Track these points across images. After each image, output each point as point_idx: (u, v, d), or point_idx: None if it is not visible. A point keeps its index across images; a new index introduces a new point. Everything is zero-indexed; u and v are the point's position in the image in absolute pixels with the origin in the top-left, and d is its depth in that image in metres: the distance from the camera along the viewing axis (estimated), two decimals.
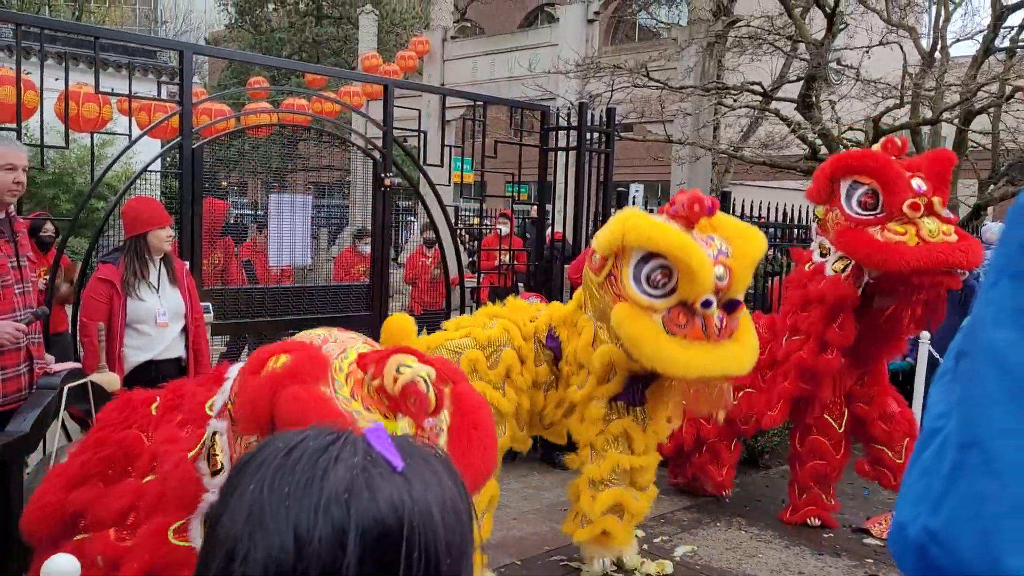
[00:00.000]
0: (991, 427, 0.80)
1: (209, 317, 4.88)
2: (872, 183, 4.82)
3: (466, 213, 15.91)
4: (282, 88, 20.06)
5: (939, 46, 11.28)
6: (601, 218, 7.08)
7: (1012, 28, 11.33)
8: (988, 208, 10.64)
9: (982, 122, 11.85)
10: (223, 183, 8.18)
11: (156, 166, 5.74)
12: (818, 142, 11.37)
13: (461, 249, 7.39)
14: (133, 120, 5.32)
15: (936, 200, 4.70)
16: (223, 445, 2.29)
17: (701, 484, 5.75)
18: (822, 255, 5.12)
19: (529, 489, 5.91)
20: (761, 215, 7.55)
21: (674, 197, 3.84)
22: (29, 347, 3.65)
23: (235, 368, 2.30)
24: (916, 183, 4.74)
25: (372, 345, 2.19)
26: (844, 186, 4.92)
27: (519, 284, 7.57)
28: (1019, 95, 10.13)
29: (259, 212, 12.28)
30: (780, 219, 7.71)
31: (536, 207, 7.64)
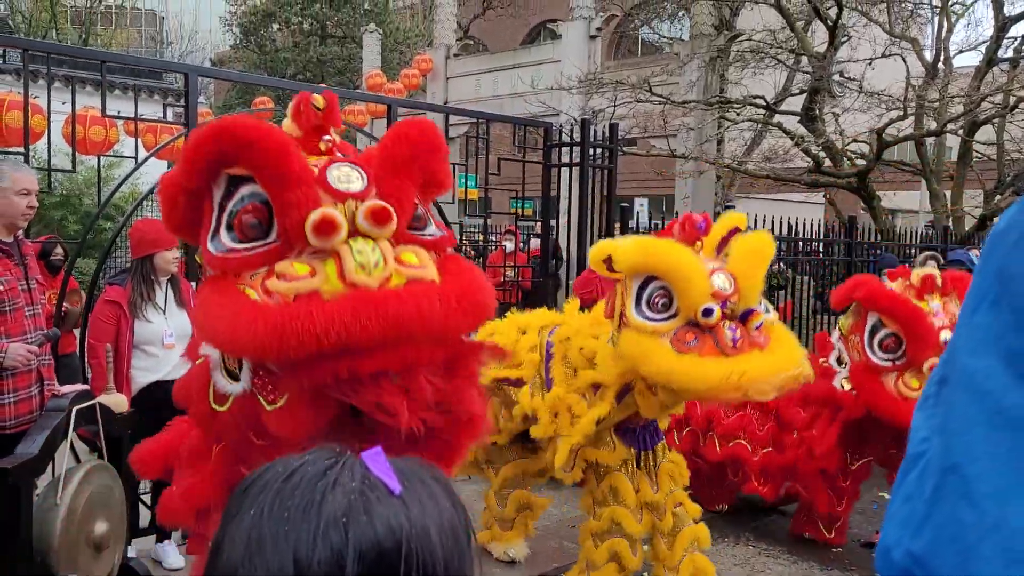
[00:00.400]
0: (970, 452, 0.82)
1: None
2: (898, 330, 4.54)
3: (471, 229, 15.94)
4: (287, 109, 20.15)
5: (942, 57, 11.30)
6: (605, 233, 7.09)
7: (1015, 39, 11.36)
8: (994, 219, 10.63)
9: (987, 133, 11.87)
10: None
11: None
12: (822, 155, 11.40)
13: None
14: (139, 142, 5.35)
15: None
16: None
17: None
18: (839, 362, 4.94)
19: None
20: (766, 228, 7.55)
21: (670, 224, 3.74)
22: (40, 369, 3.68)
23: None
24: (944, 335, 4.39)
25: None
26: (870, 320, 4.66)
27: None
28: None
29: None
30: (785, 232, 7.71)
31: (540, 223, 7.65)
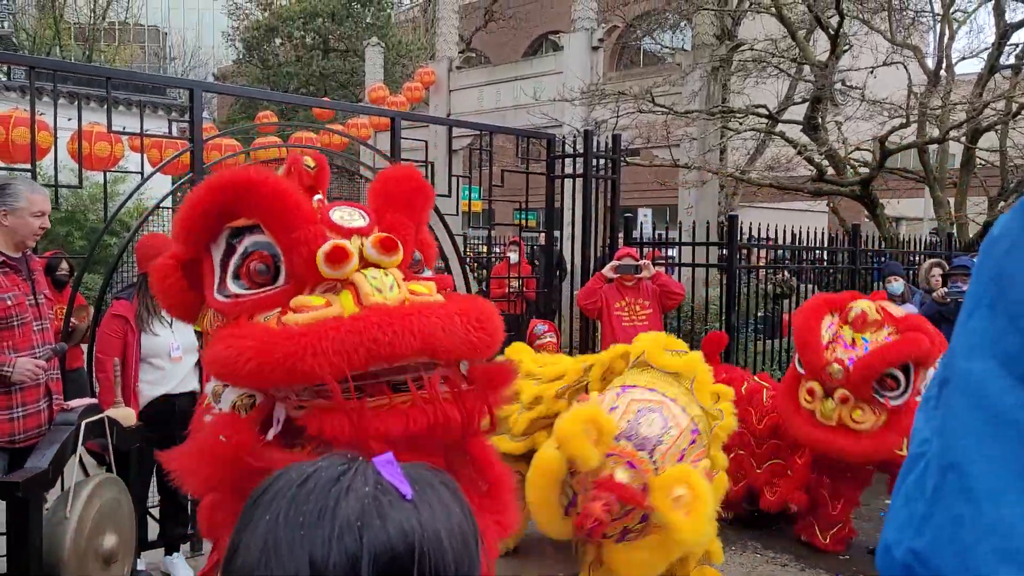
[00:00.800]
0: (968, 453, 0.83)
1: None
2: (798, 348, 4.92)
3: (475, 241, 15.97)
4: (290, 124, 20.26)
5: (944, 65, 11.31)
6: (610, 243, 7.10)
7: (1016, 45, 11.37)
8: None
9: (990, 139, 11.87)
10: None
11: (168, 202, 5.79)
12: (825, 163, 11.40)
13: (471, 277, 7.41)
14: (145, 157, 5.37)
15: (838, 394, 4.65)
16: None
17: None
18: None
19: None
20: (770, 237, 7.57)
21: None
22: (48, 383, 3.70)
23: None
24: (832, 370, 4.66)
25: None
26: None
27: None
28: None
29: None
30: (789, 240, 7.72)
31: (544, 234, 7.66)
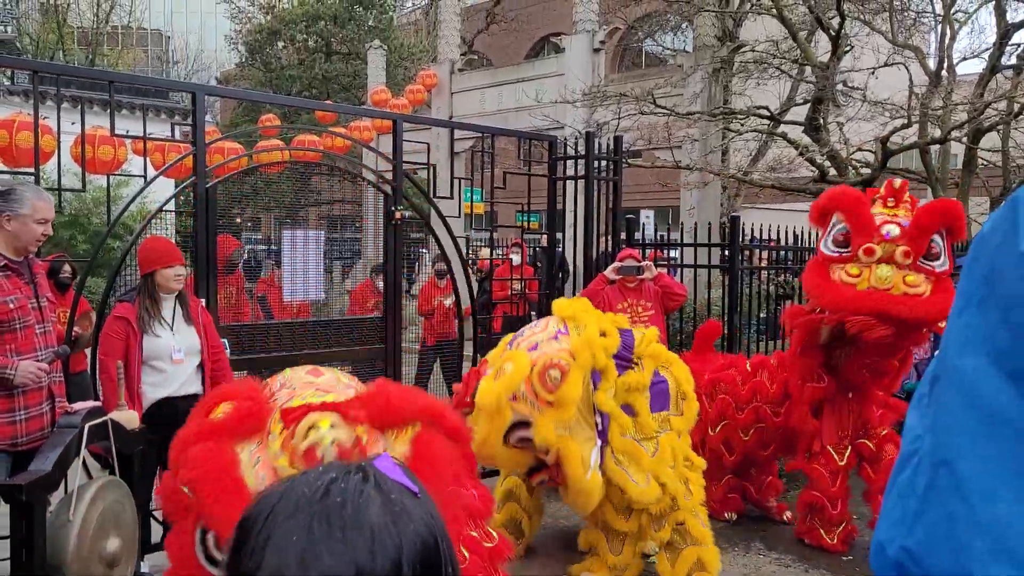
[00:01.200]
0: (961, 450, 0.83)
1: (226, 353, 4.93)
2: (845, 222, 4.82)
3: (477, 243, 15.97)
4: (293, 126, 20.27)
5: (945, 65, 11.29)
6: (612, 245, 7.11)
7: (1018, 46, 11.35)
8: None
9: (992, 140, 11.85)
10: (237, 220, 8.28)
11: (171, 205, 5.80)
12: (827, 164, 11.39)
13: (472, 279, 7.42)
14: (148, 161, 5.38)
15: (900, 250, 4.59)
16: None
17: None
18: None
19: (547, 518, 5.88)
20: (772, 238, 7.56)
21: None
22: (51, 386, 3.71)
23: None
24: (887, 229, 4.66)
25: (349, 386, 2.29)
26: (831, 221, 4.93)
27: (532, 314, 7.59)
28: None
29: (273, 247, 12.38)
30: (792, 242, 7.72)
31: (546, 236, 7.67)
